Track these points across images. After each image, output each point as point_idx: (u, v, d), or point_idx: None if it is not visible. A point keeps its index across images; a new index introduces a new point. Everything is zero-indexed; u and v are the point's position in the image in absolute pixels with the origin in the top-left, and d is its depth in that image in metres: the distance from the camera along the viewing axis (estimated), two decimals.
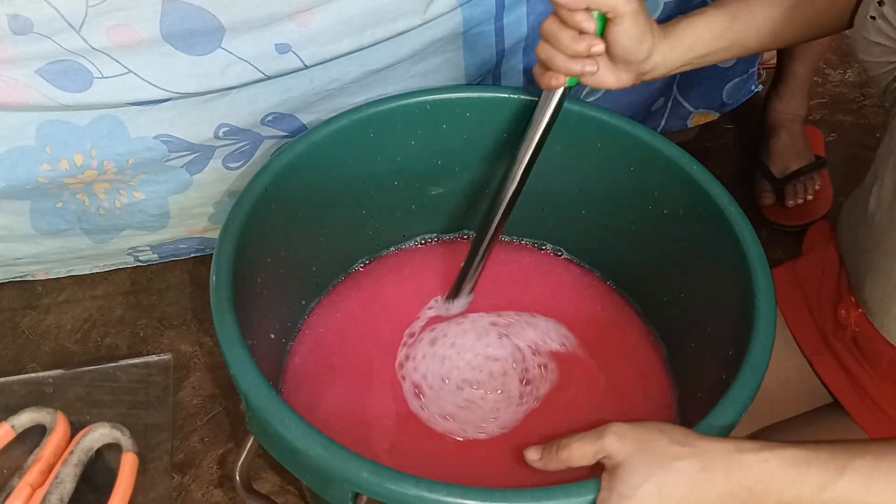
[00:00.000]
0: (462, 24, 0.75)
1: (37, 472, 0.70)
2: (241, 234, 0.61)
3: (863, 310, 0.67)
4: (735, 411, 0.52)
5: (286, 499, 0.75)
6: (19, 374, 0.82)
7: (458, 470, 0.64)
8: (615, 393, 0.71)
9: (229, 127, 0.75)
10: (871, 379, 0.69)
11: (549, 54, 0.60)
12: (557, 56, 0.60)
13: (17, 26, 0.62)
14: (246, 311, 0.58)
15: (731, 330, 0.61)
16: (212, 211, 0.85)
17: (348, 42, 0.71)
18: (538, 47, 0.61)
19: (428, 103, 0.72)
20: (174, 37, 0.66)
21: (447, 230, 0.82)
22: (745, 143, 1.17)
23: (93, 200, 0.79)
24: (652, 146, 0.69)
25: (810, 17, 0.65)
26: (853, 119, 1.22)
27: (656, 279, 0.74)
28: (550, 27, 0.59)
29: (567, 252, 0.82)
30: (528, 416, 0.68)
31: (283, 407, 0.50)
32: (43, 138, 0.70)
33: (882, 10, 0.57)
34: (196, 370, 0.85)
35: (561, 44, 0.59)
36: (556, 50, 0.60)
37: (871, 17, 0.58)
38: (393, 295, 0.77)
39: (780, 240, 1.04)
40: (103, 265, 0.93)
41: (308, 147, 0.68)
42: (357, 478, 0.47)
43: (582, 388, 0.71)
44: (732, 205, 0.65)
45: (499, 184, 0.67)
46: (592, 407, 0.69)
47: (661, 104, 1.02)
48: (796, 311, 0.76)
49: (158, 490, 0.73)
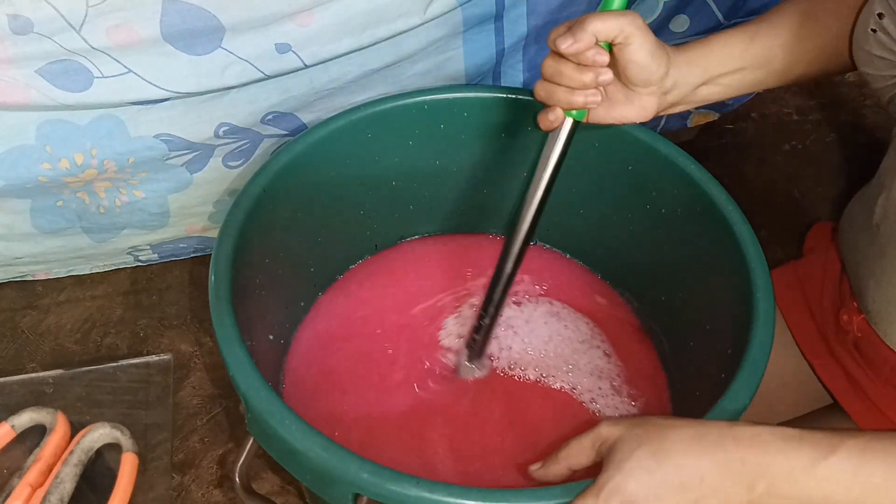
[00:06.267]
0: (462, 24, 0.75)
1: (37, 472, 0.70)
2: (239, 235, 0.61)
3: (865, 316, 0.66)
4: (734, 411, 0.52)
5: (286, 499, 0.75)
6: (19, 374, 0.82)
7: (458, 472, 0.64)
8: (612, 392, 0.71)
9: (229, 126, 0.75)
10: (873, 383, 0.69)
11: (548, 91, 0.57)
12: (558, 91, 0.56)
13: (17, 26, 0.62)
14: (245, 312, 0.58)
15: (729, 329, 0.61)
16: (212, 210, 0.85)
17: (348, 42, 0.71)
18: (537, 87, 0.58)
19: (426, 103, 0.72)
20: (174, 36, 0.66)
21: (446, 231, 0.82)
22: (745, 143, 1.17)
23: (93, 199, 0.79)
24: (651, 146, 0.69)
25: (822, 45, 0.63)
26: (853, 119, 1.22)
27: (654, 278, 0.74)
28: (551, 66, 0.56)
29: (564, 251, 0.82)
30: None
31: (283, 408, 0.50)
32: (43, 137, 0.70)
33: (882, 23, 0.56)
34: (196, 370, 0.85)
35: (564, 78, 0.55)
36: (556, 85, 0.56)
37: (871, 31, 0.57)
38: (392, 295, 0.77)
39: (780, 240, 1.04)
40: (103, 265, 0.93)
41: (306, 147, 0.68)
42: (357, 478, 0.47)
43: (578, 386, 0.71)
44: (731, 204, 0.65)
45: (508, 231, 0.62)
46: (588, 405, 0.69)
47: None
48: (797, 313, 0.76)
49: (158, 490, 0.73)
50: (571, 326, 0.74)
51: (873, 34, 0.57)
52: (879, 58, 0.57)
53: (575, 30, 0.54)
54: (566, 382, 0.70)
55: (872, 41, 0.57)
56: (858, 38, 0.59)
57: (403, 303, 0.76)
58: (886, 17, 0.55)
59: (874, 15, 0.57)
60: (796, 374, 0.76)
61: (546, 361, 0.71)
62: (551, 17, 0.80)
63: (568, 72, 0.55)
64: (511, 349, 0.72)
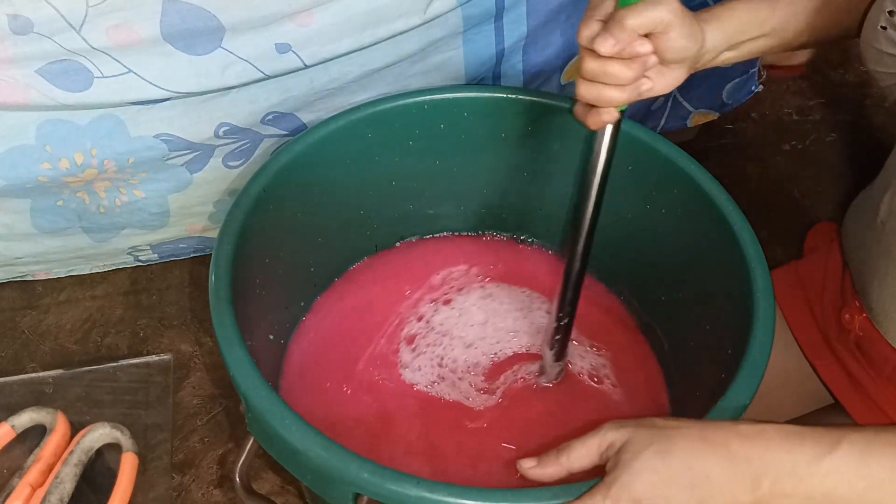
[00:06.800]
0: (462, 23, 0.75)
1: (37, 472, 0.69)
2: (239, 235, 0.61)
3: (867, 315, 0.66)
4: (734, 411, 0.52)
5: (286, 499, 0.74)
6: (19, 374, 0.82)
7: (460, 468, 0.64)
8: (612, 393, 0.71)
9: (229, 126, 0.75)
10: (875, 383, 0.69)
11: (596, 93, 0.54)
12: (606, 90, 0.54)
13: (17, 26, 0.62)
14: (245, 312, 0.58)
15: (729, 329, 0.61)
16: (212, 210, 0.85)
17: (348, 42, 0.71)
18: (582, 90, 0.55)
19: (426, 103, 0.72)
20: (174, 36, 0.66)
21: (445, 231, 0.82)
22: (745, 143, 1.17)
23: (93, 199, 0.79)
24: (651, 146, 0.69)
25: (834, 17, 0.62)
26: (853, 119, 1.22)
27: (654, 278, 0.74)
28: (594, 67, 0.53)
29: (563, 252, 0.82)
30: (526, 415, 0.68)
31: (284, 408, 0.50)
32: (43, 137, 0.70)
33: (893, 20, 0.56)
34: (196, 370, 0.85)
35: (611, 77, 0.53)
36: (604, 85, 0.54)
37: (881, 27, 0.57)
38: (392, 295, 0.77)
39: (780, 239, 1.04)
40: (103, 265, 0.93)
41: (305, 147, 0.68)
42: (358, 478, 0.47)
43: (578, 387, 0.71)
44: (730, 204, 0.65)
45: (572, 229, 0.62)
46: (589, 407, 0.70)
47: (660, 104, 1.02)
48: (798, 313, 0.76)
49: (158, 490, 0.73)
50: (507, 301, 0.76)
51: (883, 31, 0.57)
52: (889, 55, 0.57)
53: (613, 29, 0.51)
54: (517, 347, 0.72)
55: (882, 38, 0.57)
56: (867, 35, 0.59)
57: (404, 303, 0.76)
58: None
59: (885, 12, 0.56)
60: (797, 373, 0.76)
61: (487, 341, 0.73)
62: (551, 16, 0.80)
63: (614, 70, 0.53)
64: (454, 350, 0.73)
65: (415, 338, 0.74)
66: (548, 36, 0.81)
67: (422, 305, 0.77)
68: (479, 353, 0.72)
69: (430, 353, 0.72)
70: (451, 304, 0.77)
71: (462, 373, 0.71)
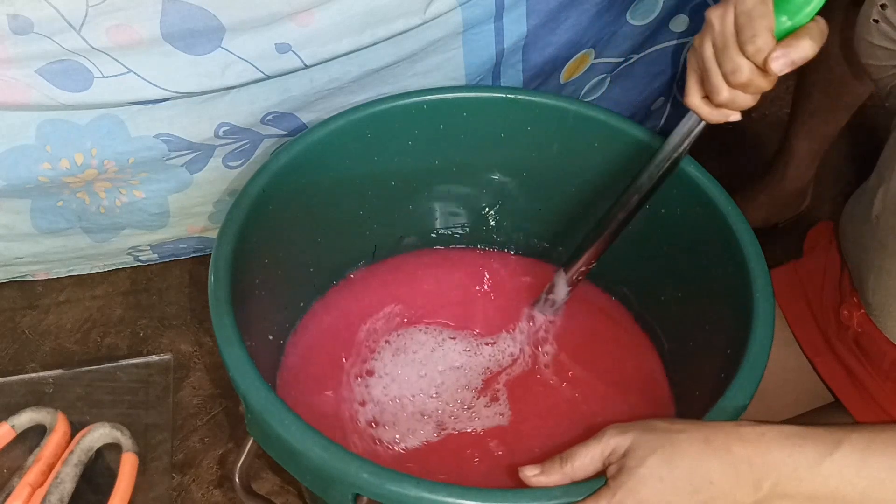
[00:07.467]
0: (462, 24, 0.75)
1: (37, 472, 0.70)
2: (238, 236, 0.61)
3: (865, 310, 0.67)
4: (734, 410, 0.52)
5: (286, 499, 0.75)
6: (19, 374, 0.82)
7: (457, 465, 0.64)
8: (613, 393, 0.71)
9: (229, 126, 0.75)
10: (874, 379, 0.69)
11: (733, 96, 0.54)
12: (743, 97, 0.54)
13: (17, 26, 0.62)
14: (244, 313, 0.58)
15: (729, 329, 0.61)
16: (212, 210, 0.85)
17: (348, 42, 0.71)
18: (724, 94, 0.55)
19: (426, 103, 0.72)
20: (174, 36, 0.66)
21: (444, 231, 0.82)
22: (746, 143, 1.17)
23: (93, 199, 0.79)
24: (651, 146, 0.69)
25: None
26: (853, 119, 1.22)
27: (653, 278, 0.74)
28: (746, 77, 0.53)
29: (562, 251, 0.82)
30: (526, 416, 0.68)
31: (283, 408, 0.50)
32: (43, 137, 0.70)
33: (885, 13, 0.56)
34: (196, 370, 0.85)
35: (754, 88, 0.53)
36: (740, 92, 0.54)
37: (873, 21, 0.57)
38: (392, 295, 0.77)
39: (779, 239, 1.04)
40: (103, 265, 0.93)
41: (305, 148, 0.68)
42: (357, 479, 0.47)
43: (579, 388, 0.71)
44: (730, 204, 0.65)
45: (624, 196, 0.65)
46: (590, 407, 0.70)
47: (660, 104, 1.02)
48: (798, 312, 0.76)
49: (158, 490, 0.73)
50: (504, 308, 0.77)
51: (875, 24, 0.57)
52: (881, 48, 0.57)
53: (792, 55, 0.50)
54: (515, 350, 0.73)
55: (874, 31, 0.57)
56: (860, 28, 0.59)
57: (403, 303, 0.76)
58: (889, 8, 0.56)
59: (877, 6, 0.57)
60: (797, 372, 0.76)
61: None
62: (551, 16, 0.80)
63: (760, 83, 0.53)
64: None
65: (414, 339, 0.74)
66: (548, 36, 0.81)
67: (422, 305, 0.77)
68: (479, 353, 0.72)
69: (430, 354, 0.72)
70: (449, 308, 0.77)
71: (462, 373, 0.71)
